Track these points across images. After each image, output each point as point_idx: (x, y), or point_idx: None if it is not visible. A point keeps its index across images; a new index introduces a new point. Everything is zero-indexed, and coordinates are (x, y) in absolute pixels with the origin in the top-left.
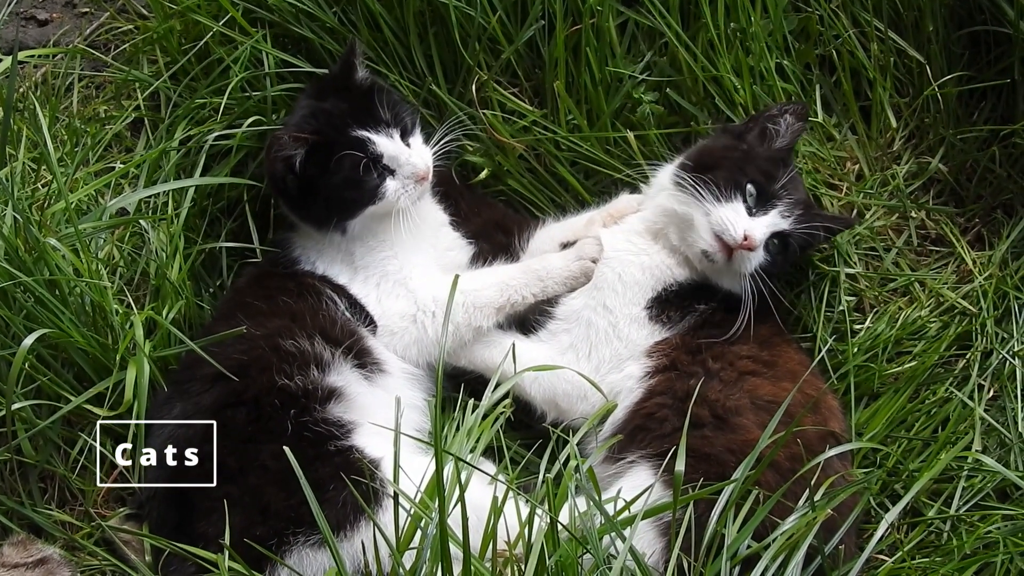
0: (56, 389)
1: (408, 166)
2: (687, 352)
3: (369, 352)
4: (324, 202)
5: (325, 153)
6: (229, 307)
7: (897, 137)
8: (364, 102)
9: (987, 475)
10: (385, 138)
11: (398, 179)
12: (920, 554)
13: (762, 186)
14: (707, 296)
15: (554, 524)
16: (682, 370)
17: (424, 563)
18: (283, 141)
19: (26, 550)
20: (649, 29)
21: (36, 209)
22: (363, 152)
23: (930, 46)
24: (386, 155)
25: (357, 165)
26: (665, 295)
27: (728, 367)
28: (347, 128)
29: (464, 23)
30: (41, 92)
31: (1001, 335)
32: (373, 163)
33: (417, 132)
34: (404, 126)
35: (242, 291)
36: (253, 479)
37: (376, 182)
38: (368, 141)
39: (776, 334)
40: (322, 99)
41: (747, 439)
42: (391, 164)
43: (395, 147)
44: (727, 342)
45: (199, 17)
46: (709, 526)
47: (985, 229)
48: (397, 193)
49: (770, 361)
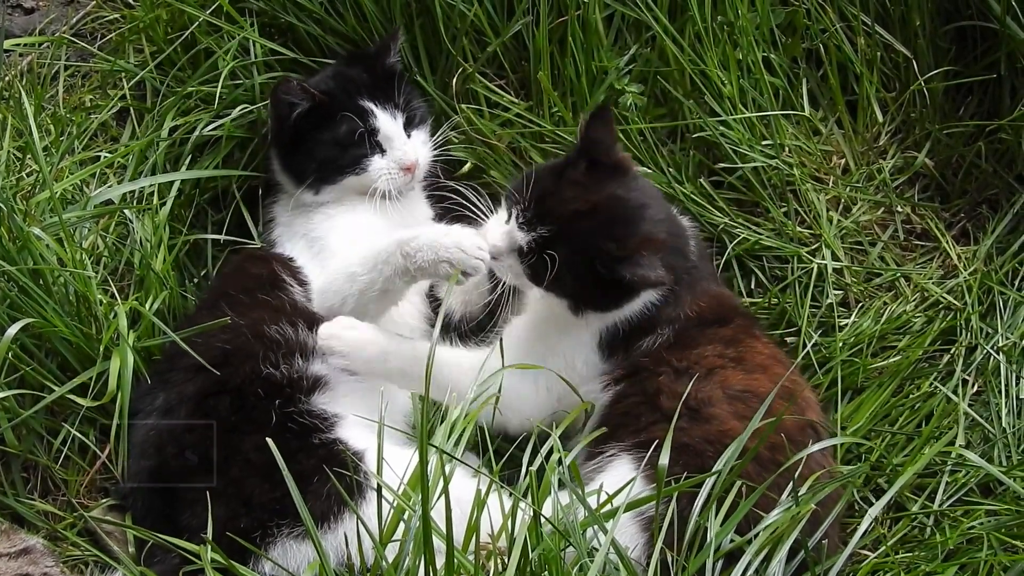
0: (39, 379)
1: (399, 151)
2: (647, 361)
3: None
4: (308, 155)
5: (326, 113)
6: (212, 296)
7: (883, 132)
8: (385, 80)
9: (971, 470)
10: (388, 116)
11: (386, 159)
12: (903, 549)
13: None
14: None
15: (537, 517)
16: (647, 372)
17: (407, 555)
18: (292, 87)
19: (8, 540)
20: (635, 21)
21: (20, 198)
22: (362, 121)
23: (917, 41)
24: (382, 132)
25: (353, 132)
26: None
27: (695, 365)
28: (357, 95)
29: (450, 14)
30: (27, 81)
31: (986, 330)
32: (368, 135)
33: (423, 128)
34: (412, 116)
35: (225, 279)
36: (236, 471)
37: (364, 152)
38: (370, 113)
39: (742, 332)
40: (348, 66)
41: (723, 429)
42: (384, 143)
43: (394, 128)
44: (690, 347)
45: (185, 6)
46: (691, 519)
47: (970, 224)
48: (380, 172)
49: (737, 357)
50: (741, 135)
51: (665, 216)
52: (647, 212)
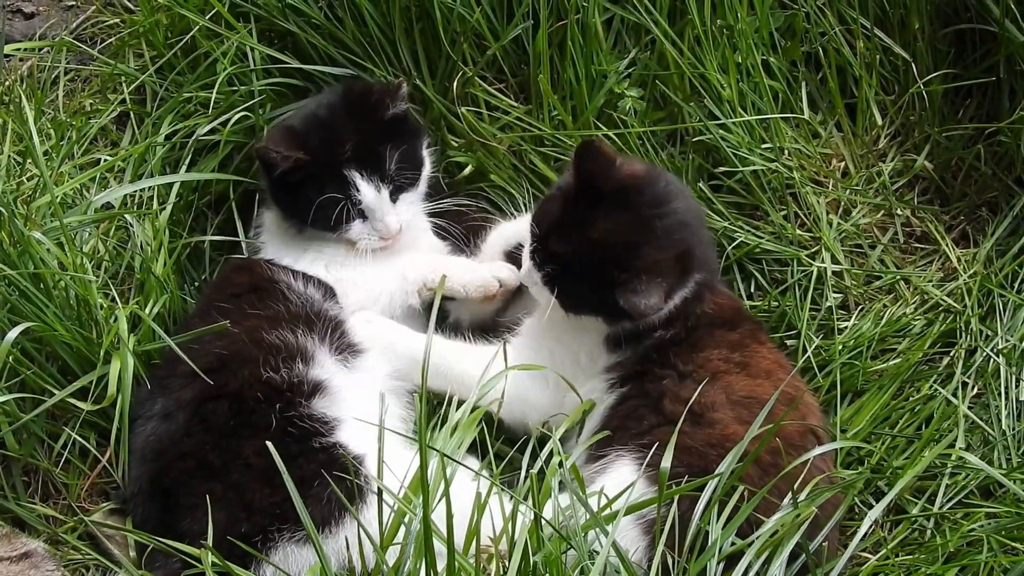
0: (40, 383)
1: (380, 223)
2: (653, 361)
3: (344, 332)
4: (293, 203)
5: (311, 172)
6: (207, 302)
7: (883, 134)
8: (374, 144)
9: (971, 473)
10: (372, 189)
11: (367, 226)
12: (903, 552)
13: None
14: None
15: (538, 520)
16: (652, 375)
17: (408, 559)
18: (272, 153)
19: (10, 544)
20: (635, 25)
21: (21, 203)
22: (344, 192)
23: (916, 44)
24: (364, 203)
25: (335, 201)
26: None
27: (699, 369)
28: (342, 163)
29: (450, 18)
30: (27, 85)
31: (985, 332)
32: (350, 204)
33: (414, 191)
34: (402, 184)
35: (220, 285)
36: (237, 475)
37: (345, 218)
38: (354, 185)
39: (748, 337)
40: (346, 109)
41: (725, 433)
42: (367, 212)
43: (376, 201)
44: (696, 350)
45: (185, 12)
46: (692, 522)
47: (970, 227)
48: (360, 235)
49: (742, 362)
50: (740, 138)
51: (679, 224)
52: (653, 231)
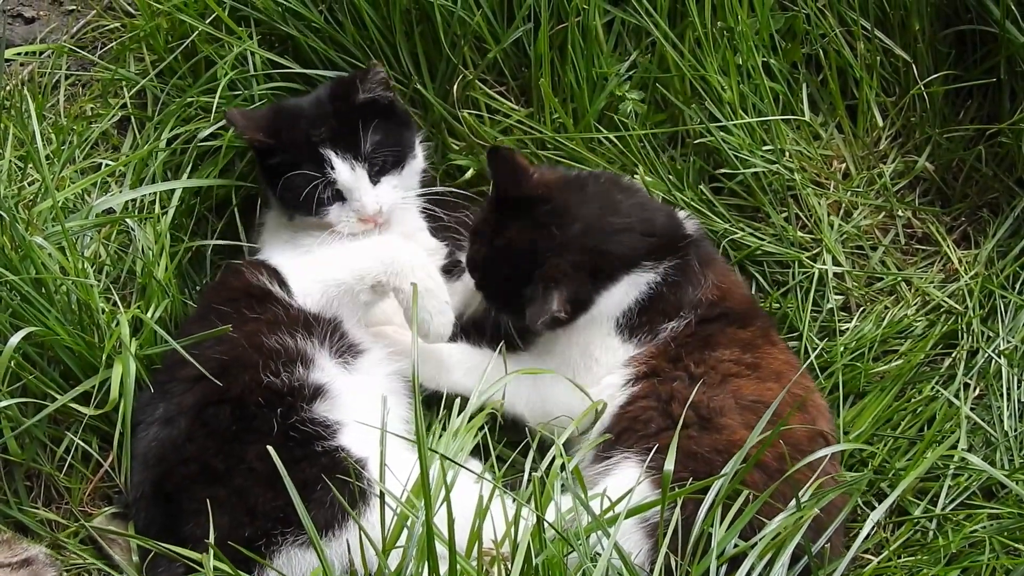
0: (42, 387)
1: (357, 203)
2: (668, 360)
3: (343, 334)
4: (277, 185)
5: (290, 156)
6: (205, 306)
7: (883, 136)
8: (352, 123)
9: (973, 474)
10: (347, 167)
11: (345, 208)
12: (906, 553)
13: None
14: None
15: (541, 523)
16: (664, 376)
17: (410, 562)
18: (237, 115)
19: (11, 549)
20: (636, 27)
21: (23, 207)
22: (320, 171)
23: (916, 45)
24: (340, 183)
25: (310, 180)
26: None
27: (711, 371)
28: (317, 143)
29: (450, 21)
30: (28, 90)
31: (987, 334)
32: (326, 185)
33: (401, 171)
34: (382, 166)
35: (217, 289)
36: (239, 480)
37: (323, 200)
38: (329, 163)
39: (761, 337)
40: (330, 98)
41: (733, 439)
42: (344, 192)
43: (353, 180)
44: (709, 348)
45: (185, 16)
46: (696, 525)
47: (971, 228)
48: (339, 218)
49: (753, 363)
50: (741, 140)
51: (585, 230)
52: (553, 239)
